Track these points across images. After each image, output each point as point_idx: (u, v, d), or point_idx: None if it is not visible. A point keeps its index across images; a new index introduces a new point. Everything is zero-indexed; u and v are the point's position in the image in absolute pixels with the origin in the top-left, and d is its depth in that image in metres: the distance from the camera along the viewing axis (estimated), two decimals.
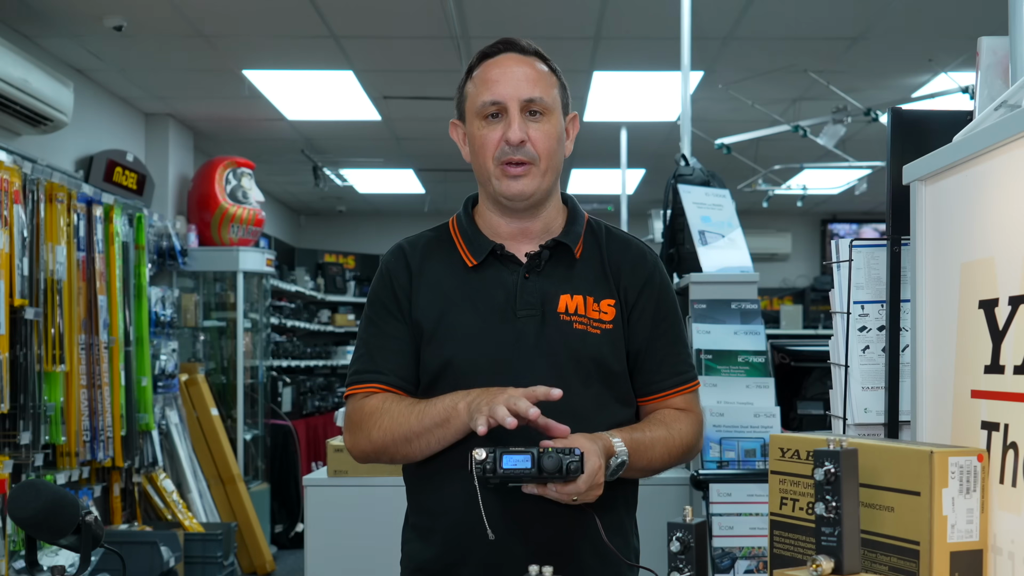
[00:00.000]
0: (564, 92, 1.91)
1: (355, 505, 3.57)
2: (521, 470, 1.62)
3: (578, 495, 1.66)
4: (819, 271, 12.01)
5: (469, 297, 1.86)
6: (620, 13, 5.20)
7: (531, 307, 1.84)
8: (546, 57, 1.90)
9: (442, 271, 1.89)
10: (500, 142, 1.83)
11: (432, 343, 1.85)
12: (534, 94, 1.82)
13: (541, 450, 1.62)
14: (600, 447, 1.70)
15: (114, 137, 6.66)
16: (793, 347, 3.91)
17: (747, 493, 3.17)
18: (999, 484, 1.33)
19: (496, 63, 1.86)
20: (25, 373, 4.50)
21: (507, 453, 1.62)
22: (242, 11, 5.23)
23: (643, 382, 1.91)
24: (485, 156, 1.85)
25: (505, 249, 1.89)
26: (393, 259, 1.94)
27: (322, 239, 11.98)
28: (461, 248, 1.91)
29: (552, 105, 1.85)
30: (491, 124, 1.84)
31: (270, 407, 7.71)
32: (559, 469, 1.61)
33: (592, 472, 1.66)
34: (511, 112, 1.82)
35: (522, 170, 1.83)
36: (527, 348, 1.82)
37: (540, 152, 1.83)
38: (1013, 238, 1.36)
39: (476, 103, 1.85)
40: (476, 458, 1.61)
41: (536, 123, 1.83)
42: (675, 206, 3.72)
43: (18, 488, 1.78)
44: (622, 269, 1.91)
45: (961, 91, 5.75)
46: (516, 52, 1.87)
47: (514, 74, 1.83)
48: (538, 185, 1.84)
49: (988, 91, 1.71)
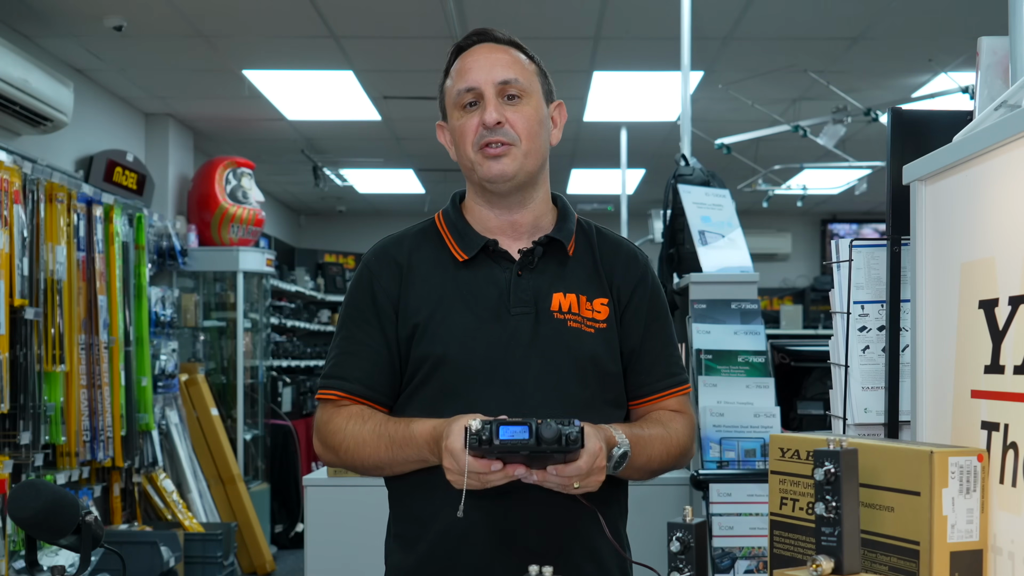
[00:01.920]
0: (545, 79, 1.88)
1: (355, 505, 3.57)
2: (518, 440, 1.55)
3: (579, 477, 1.58)
4: (819, 271, 12.01)
5: (461, 294, 1.81)
6: (620, 13, 5.20)
7: (525, 305, 1.80)
8: (523, 46, 1.88)
9: (431, 267, 1.85)
10: (478, 127, 1.79)
11: (423, 341, 1.79)
12: (508, 76, 1.80)
13: (540, 421, 1.55)
14: (601, 434, 1.65)
15: (114, 137, 6.66)
16: (793, 347, 3.92)
17: (747, 493, 3.17)
18: (999, 484, 1.33)
19: (470, 53, 1.84)
20: (25, 373, 4.50)
21: (503, 424, 1.55)
22: (242, 11, 5.23)
23: (636, 383, 1.87)
24: (465, 144, 1.82)
25: (498, 245, 1.84)
26: (375, 259, 1.88)
27: (322, 239, 11.98)
28: (450, 243, 1.86)
29: (529, 88, 1.82)
30: (469, 112, 1.81)
31: (270, 407, 7.72)
32: (558, 439, 1.54)
33: (594, 452, 1.58)
34: (487, 96, 1.79)
35: (502, 150, 1.79)
36: (521, 347, 1.78)
37: (520, 133, 1.79)
38: (1013, 238, 1.36)
39: (452, 94, 1.83)
40: (472, 428, 1.55)
41: (513, 106, 1.80)
42: (675, 206, 3.72)
43: (18, 488, 1.78)
44: (615, 269, 1.88)
45: (961, 91, 5.75)
46: (490, 41, 1.86)
47: (488, 59, 1.81)
48: (520, 166, 1.80)
49: (988, 91, 1.71)
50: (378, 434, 1.76)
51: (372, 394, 1.83)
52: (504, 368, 1.77)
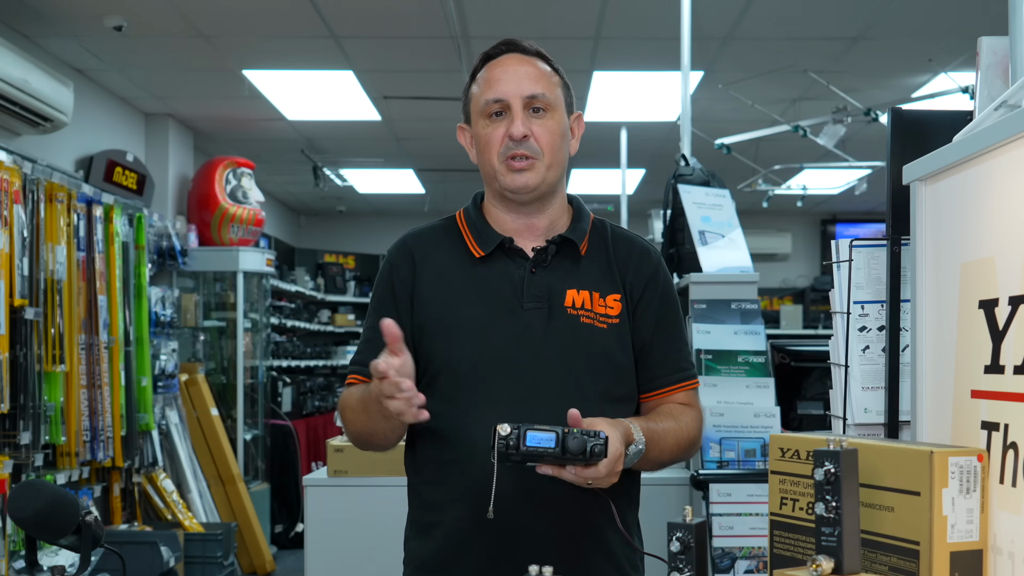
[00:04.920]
0: (567, 91, 1.93)
1: (355, 505, 3.58)
2: (544, 448, 1.58)
3: (596, 479, 1.63)
4: (819, 271, 12.01)
5: (475, 289, 1.87)
6: (620, 13, 5.20)
7: (538, 300, 1.85)
8: (548, 57, 1.93)
9: (447, 262, 1.91)
10: (504, 138, 1.85)
11: (437, 335, 1.86)
12: (536, 90, 1.85)
13: (566, 431, 1.59)
14: (621, 433, 1.69)
15: (114, 137, 6.66)
16: (793, 347, 3.91)
17: (747, 493, 3.17)
18: (999, 484, 1.33)
19: (498, 63, 1.89)
20: (25, 373, 4.50)
21: (531, 430, 1.58)
22: (242, 11, 5.23)
23: (647, 377, 1.92)
24: (490, 153, 1.87)
25: (514, 243, 1.90)
26: (396, 252, 1.96)
27: (322, 239, 11.98)
28: (468, 239, 1.92)
29: (554, 102, 1.88)
30: (495, 122, 1.86)
31: (270, 407, 7.71)
32: (583, 451, 1.58)
33: (614, 458, 1.63)
34: (514, 108, 1.84)
35: (526, 164, 1.85)
36: (534, 341, 1.83)
37: (544, 147, 1.86)
38: (1013, 238, 1.36)
39: (480, 103, 1.88)
40: (500, 433, 1.58)
41: (539, 119, 1.86)
42: (675, 206, 3.73)
43: (18, 488, 1.78)
44: (628, 265, 1.93)
45: (961, 91, 5.75)
46: (518, 52, 1.90)
47: (516, 72, 1.86)
48: (542, 178, 1.87)
49: (988, 91, 1.71)
50: (357, 398, 1.83)
51: None
52: (516, 362, 1.82)
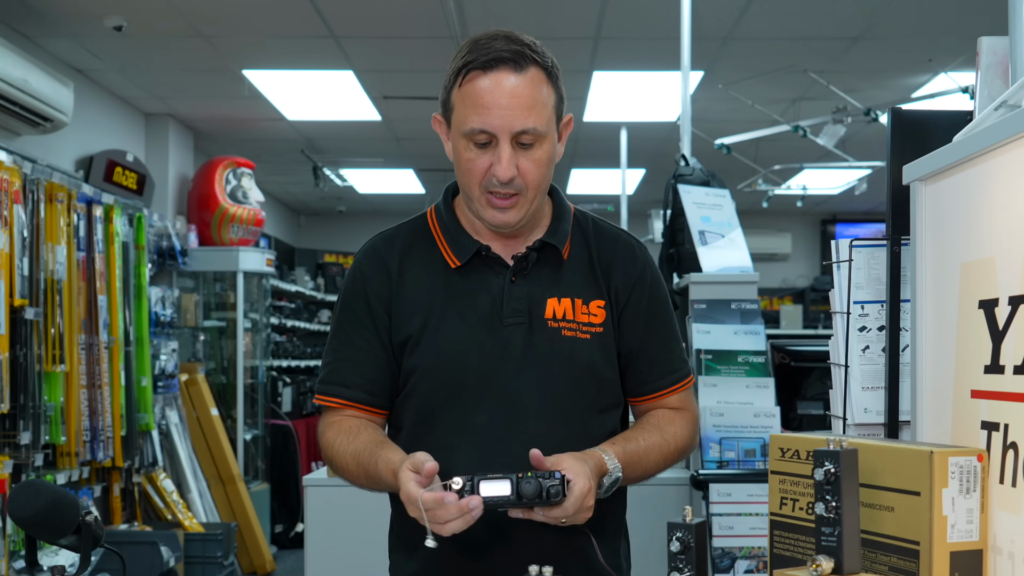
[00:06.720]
0: (560, 101, 1.76)
1: (355, 505, 3.57)
2: (500, 497, 1.55)
3: (566, 517, 1.59)
4: (819, 271, 12.02)
5: (453, 302, 1.78)
6: (620, 13, 5.20)
7: (518, 314, 1.76)
8: (542, 58, 1.73)
9: (423, 272, 1.80)
10: (488, 172, 1.70)
11: (415, 352, 1.77)
12: (527, 125, 1.67)
13: (520, 475, 1.55)
14: (591, 467, 1.63)
15: (114, 137, 6.66)
16: (793, 347, 3.92)
17: (747, 493, 3.17)
18: (999, 484, 1.33)
19: (489, 79, 1.68)
20: (25, 373, 4.51)
21: (484, 480, 1.55)
22: (242, 11, 5.23)
23: (636, 383, 1.86)
24: (471, 179, 1.72)
25: (491, 251, 1.80)
26: (368, 261, 1.84)
27: (322, 239, 11.98)
28: (443, 247, 1.81)
29: (546, 131, 1.71)
30: (479, 151, 1.70)
31: (270, 407, 7.72)
32: (539, 494, 1.55)
33: (580, 494, 1.58)
34: (501, 144, 1.68)
35: (510, 202, 1.72)
36: (514, 359, 1.76)
37: (529, 183, 1.71)
38: (1013, 238, 1.36)
39: (463, 125, 1.70)
40: (453, 487, 1.54)
41: (527, 153, 1.70)
42: (675, 206, 3.72)
43: (18, 488, 1.78)
44: (612, 267, 1.84)
45: (961, 91, 5.75)
46: (509, 67, 1.69)
47: (508, 100, 1.67)
48: (524, 213, 1.75)
49: (988, 91, 1.70)
50: (357, 462, 1.74)
51: (372, 399, 1.82)
52: (497, 380, 1.75)
